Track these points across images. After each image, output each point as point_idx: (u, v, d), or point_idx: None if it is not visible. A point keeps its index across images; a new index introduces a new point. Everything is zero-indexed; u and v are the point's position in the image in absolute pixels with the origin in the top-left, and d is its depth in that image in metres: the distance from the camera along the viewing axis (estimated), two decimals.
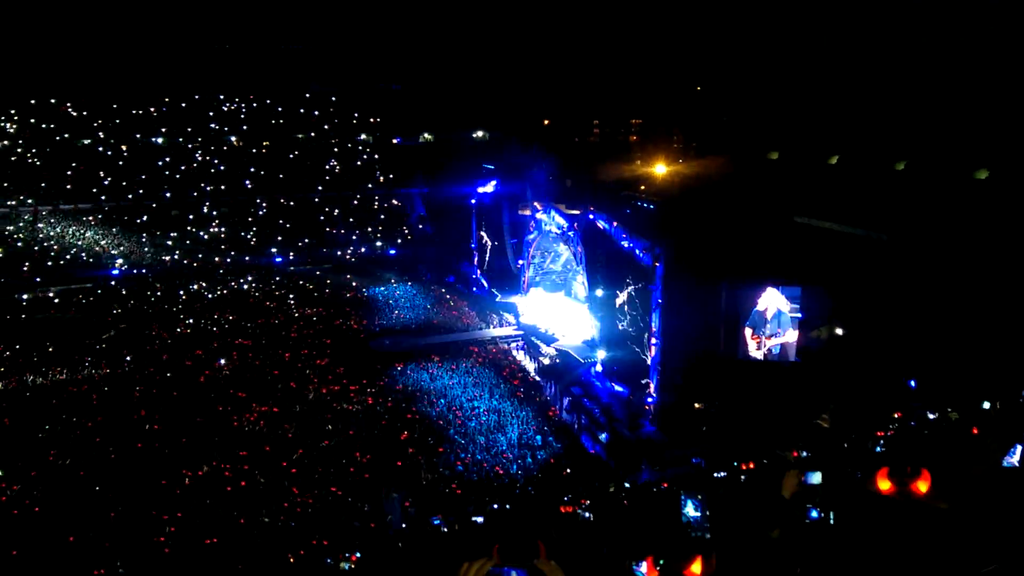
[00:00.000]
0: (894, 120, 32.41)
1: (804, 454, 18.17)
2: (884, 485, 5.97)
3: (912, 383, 24.73)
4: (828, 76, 37.76)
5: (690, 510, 7.46)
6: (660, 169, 38.64)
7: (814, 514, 6.00)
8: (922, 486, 6.17)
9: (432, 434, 26.66)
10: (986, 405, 18.42)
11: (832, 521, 6.00)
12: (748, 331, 26.97)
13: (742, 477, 16.22)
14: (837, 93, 36.21)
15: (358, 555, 15.74)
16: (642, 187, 36.27)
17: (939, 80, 31.43)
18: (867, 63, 35.74)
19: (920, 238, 25.68)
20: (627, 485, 20.70)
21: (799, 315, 26.93)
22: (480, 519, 17.62)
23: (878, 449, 16.38)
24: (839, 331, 27.37)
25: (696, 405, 26.79)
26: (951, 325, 24.48)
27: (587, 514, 15.47)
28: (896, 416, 20.81)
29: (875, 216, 27.23)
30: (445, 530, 17.09)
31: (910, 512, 5.88)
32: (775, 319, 26.86)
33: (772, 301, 26.81)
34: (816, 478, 5.45)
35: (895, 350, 25.20)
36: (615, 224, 31.73)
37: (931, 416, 19.54)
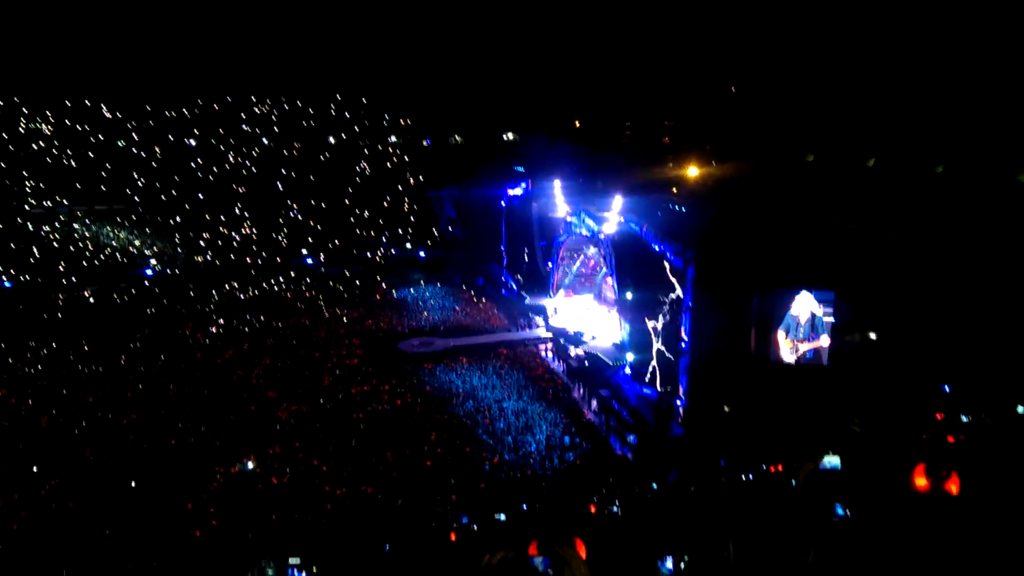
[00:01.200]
0: (936, 123, 31.88)
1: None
2: (920, 482, 5.92)
3: (946, 388, 24.33)
4: (865, 78, 37.25)
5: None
6: (692, 172, 38.35)
7: (840, 511, 5.94)
8: (953, 487, 6.12)
9: (461, 435, 26.72)
10: (1021, 410, 18.10)
11: (857, 518, 5.94)
12: (781, 334, 26.71)
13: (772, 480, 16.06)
14: (875, 95, 35.71)
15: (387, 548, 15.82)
16: (674, 189, 36.04)
17: (979, 81, 30.86)
18: (906, 65, 35.21)
19: (958, 241, 25.25)
20: (655, 486, 20.59)
21: (833, 320, 26.62)
22: (503, 516, 17.61)
23: (912, 452, 16.16)
24: (873, 336, 27.01)
25: (726, 408, 26.56)
26: (986, 329, 24.04)
27: (615, 509, 15.41)
28: (932, 419, 20.51)
29: (911, 219, 26.82)
30: (475, 528, 17.11)
31: (941, 510, 5.80)
32: (808, 323, 26.55)
33: (806, 305, 26.51)
34: (833, 462, 5.39)
35: (929, 355, 24.80)
36: (646, 227, 31.58)
37: (965, 420, 19.25)
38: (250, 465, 24.29)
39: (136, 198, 57.50)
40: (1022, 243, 24.24)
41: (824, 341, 26.50)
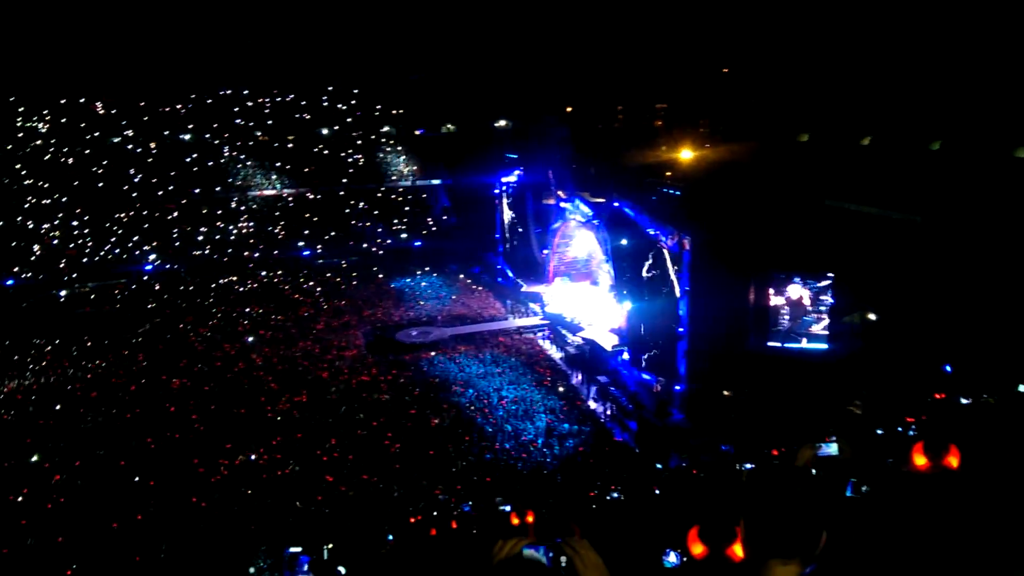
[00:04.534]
0: (928, 98, 31.78)
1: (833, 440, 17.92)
2: (919, 460, 5.92)
3: (947, 368, 24.36)
4: (858, 54, 37.10)
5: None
6: (686, 155, 38.22)
7: (848, 492, 5.94)
8: (953, 461, 6.12)
9: (460, 423, 26.78)
10: (1022, 389, 18.12)
11: (864, 496, 5.95)
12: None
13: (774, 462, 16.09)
14: (868, 72, 35.58)
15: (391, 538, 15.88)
16: (668, 173, 35.92)
17: (974, 55, 30.74)
18: (898, 39, 35.07)
19: (955, 220, 25.22)
20: (656, 471, 20.66)
21: (831, 301, 26.66)
22: (508, 507, 17.64)
23: (911, 432, 16.18)
24: (871, 317, 27.02)
25: (724, 393, 26.61)
26: (986, 309, 24.05)
27: (616, 494, 15.43)
28: (932, 399, 20.53)
29: (909, 198, 26.78)
30: (475, 516, 17.16)
31: (943, 488, 5.81)
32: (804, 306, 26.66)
33: (802, 288, 26.60)
34: (832, 449, 5.37)
35: (929, 335, 24.82)
36: (641, 212, 31.52)
37: (965, 401, 19.24)
38: (252, 457, 24.36)
39: (133, 194, 57.23)
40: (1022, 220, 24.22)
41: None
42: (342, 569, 12.73)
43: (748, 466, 16.06)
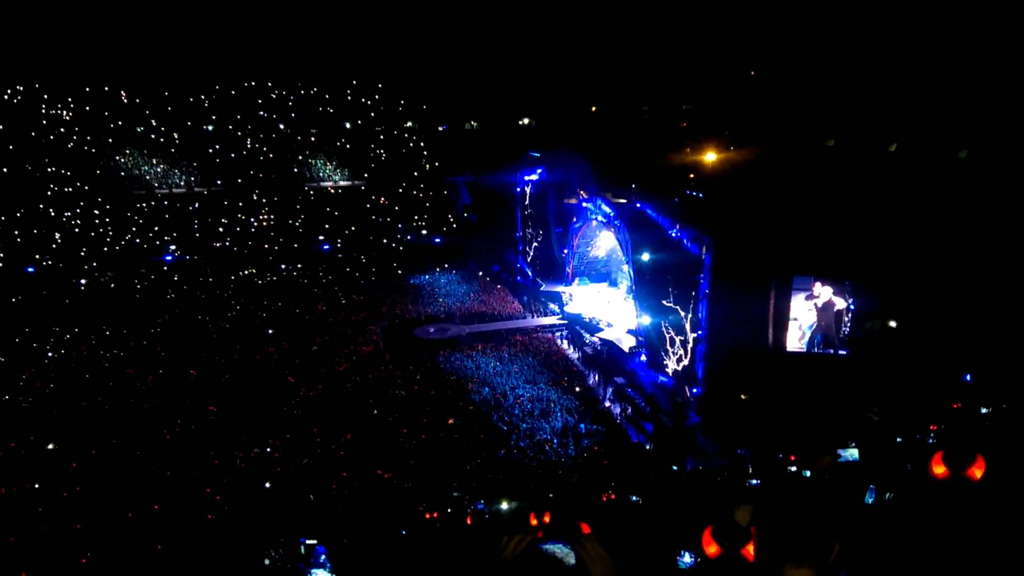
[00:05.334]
0: (955, 106, 31.36)
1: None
2: (939, 470, 5.81)
3: (967, 377, 24.03)
4: (887, 60, 36.69)
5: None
6: (710, 157, 37.98)
7: (869, 499, 5.86)
8: (977, 472, 5.99)
9: (476, 421, 26.77)
10: None
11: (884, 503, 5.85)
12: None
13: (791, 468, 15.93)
14: (896, 78, 35.17)
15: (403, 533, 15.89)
16: (691, 175, 35.74)
17: (1002, 63, 30.30)
18: (928, 46, 34.64)
19: (980, 228, 24.87)
20: (672, 473, 20.53)
21: (853, 307, 26.37)
22: (506, 506, 17.58)
23: (931, 441, 15.96)
24: (892, 324, 26.71)
25: (742, 396, 26.40)
26: (1008, 318, 23.71)
27: (633, 498, 15.33)
28: (951, 408, 20.25)
29: (933, 205, 26.44)
30: (487, 516, 17.13)
31: (963, 497, 5.69)
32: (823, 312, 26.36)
33: (825, 292, 26.33)
34: (852, 454, 5.30)
35: (950, 343, 24.50)
36: (663, 213, 31.36)
37: (984, 411, 18.95)
38: (268, 450, 24.49)
39: (155, 184, 57.84)
40: None
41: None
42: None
43: (754, 482, 15.90)
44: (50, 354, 35.48)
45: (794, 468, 15.90)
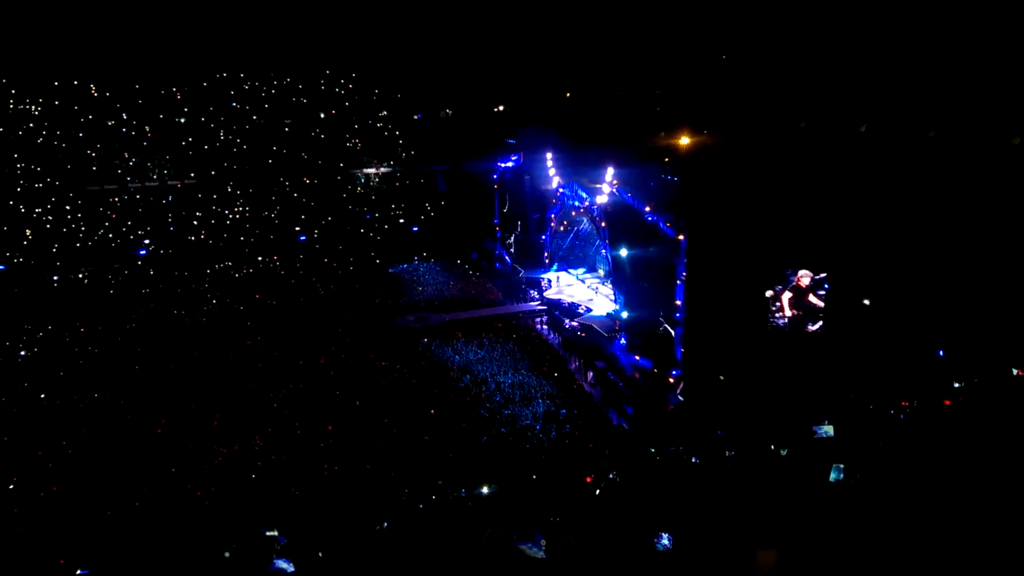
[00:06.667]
0: (926, 85, 31.67)
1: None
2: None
3: (941, 353, 24.49)
4: (859, 38, 36.90)
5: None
6: (684, 141, 38.12)
7: (834, 475, 6.01)
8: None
9: (457, 409, 26.87)
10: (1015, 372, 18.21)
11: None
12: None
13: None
14: (868, 57, 35.41)
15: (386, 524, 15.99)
16: (666, 159, 35.88)
17: (972, 40, 30.59)
18: (899, 24, 34.88)
19: (950, 208, 25.25)
20: (651, 455, 20.76)
21: (827, 287, 26.75)
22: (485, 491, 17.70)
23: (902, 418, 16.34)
24: (866, 302, 27.09)
25: (721, 377, 26.70)
26: (980, 295, 24.14)
27: (612, 475, 15.55)
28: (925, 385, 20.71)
29: (906, 186, 26.77)
30: (470, 504, 17.27)
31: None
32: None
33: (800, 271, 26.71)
34: (828, 431, 5.44)
35: (924, 320, 24.92)
36: (638, 197, 31.50)
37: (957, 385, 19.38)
38: (249, 443, 24.44)
39: (128, 178, 57.13)
40: (1016, 207, 24.24)
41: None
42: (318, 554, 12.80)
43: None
44: (23, 353, 35.07)
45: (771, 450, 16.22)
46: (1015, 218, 23.91)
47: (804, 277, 26.86)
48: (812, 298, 26.94)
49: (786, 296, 27.00)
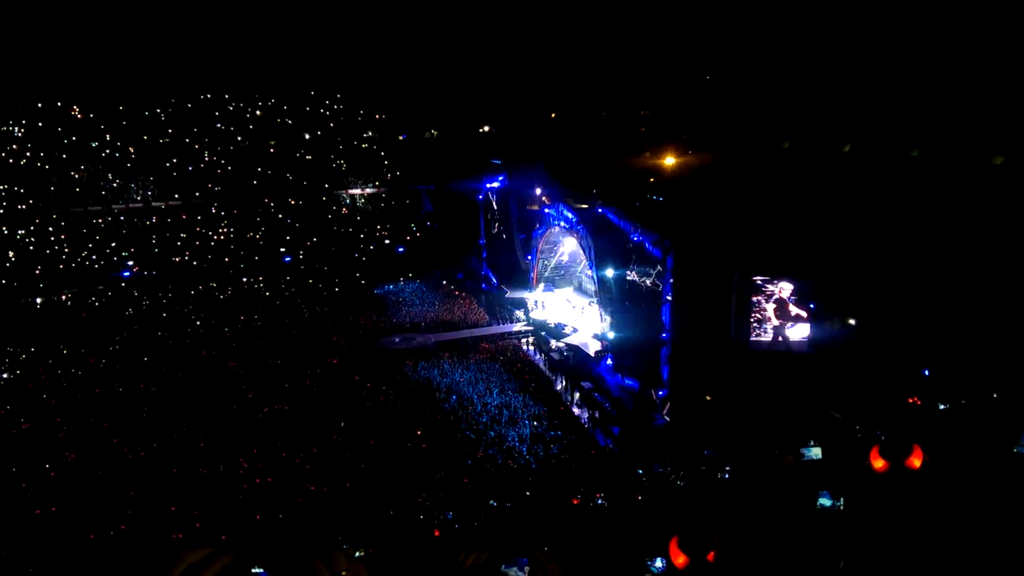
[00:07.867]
0: (908, 106, 32.09)
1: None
2: (878, 463, 5.92)
3: (926, 372, 24.56)
4: (841, 62, 37.41)
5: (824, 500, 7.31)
6: (669, 161, 38.39)
7: (825, 502, 5.94)
8: (916, 462, 6.12)
9: (443, 430, 26.67)
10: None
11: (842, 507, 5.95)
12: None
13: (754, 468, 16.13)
14: (851, 79, 35.87)
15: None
16: (651, 179, 36.10)
17: (958, 63, 31.07)
18: (881, 48, 35.39)
19: (935, 227, 25.46)
20: (638, 477, 20.63)
21: (812, 305, 26.82)
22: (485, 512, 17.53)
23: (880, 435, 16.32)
24: (852, 322, 27.20)
25: (707, 398, 26.68)
26: (965, 316, 24.27)
27: (600, 501, 15.40)
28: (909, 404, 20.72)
29: (889, 206, 27.01)
30: (457, 525, 17.07)
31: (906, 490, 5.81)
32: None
33: (785, 291, 26.76)
34: (815, 453, 5.39)
35: (909, 340, 25.01)
36: (624, 217, 31.60)
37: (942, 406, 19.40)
38: (234, 465, 24.12)
39: (111, 199, 56.80)
40: (1000, 226, 24.48)
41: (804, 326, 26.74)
42: None
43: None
44: (4, 375, 34.58)
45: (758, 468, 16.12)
46: (999, 237, 24.13)
47: (785, 289, 26.96)
48: (793, 307, 27.03)
49: (771, 306, 27.06)
